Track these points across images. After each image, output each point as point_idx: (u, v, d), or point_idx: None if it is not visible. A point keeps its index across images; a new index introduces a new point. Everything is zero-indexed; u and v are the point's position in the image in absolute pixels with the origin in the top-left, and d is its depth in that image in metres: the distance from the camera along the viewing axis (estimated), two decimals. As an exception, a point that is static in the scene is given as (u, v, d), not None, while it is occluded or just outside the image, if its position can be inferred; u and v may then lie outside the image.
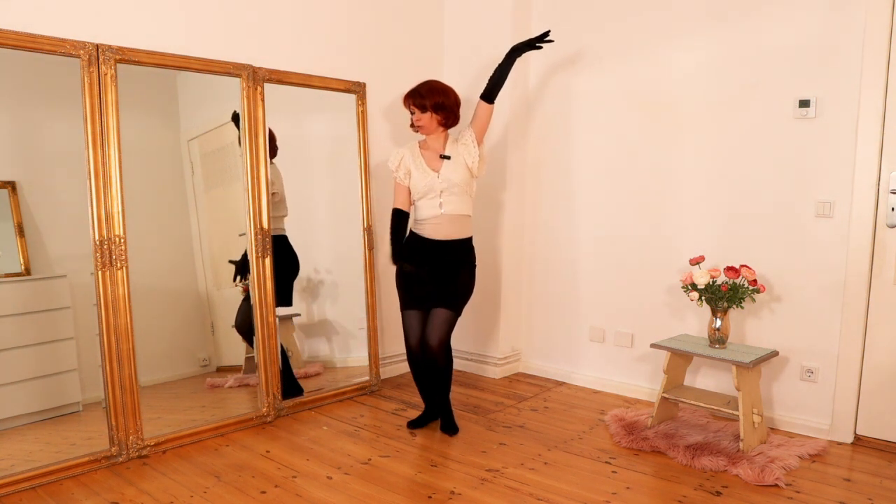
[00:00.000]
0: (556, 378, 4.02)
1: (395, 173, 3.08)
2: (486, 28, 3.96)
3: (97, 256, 2.69)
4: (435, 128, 3.03)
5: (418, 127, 3.04)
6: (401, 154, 3.08)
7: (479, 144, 3.05)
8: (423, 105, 2.98)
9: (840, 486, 2.62)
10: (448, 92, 3.03)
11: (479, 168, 3.06)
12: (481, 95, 3.04)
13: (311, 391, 3.52)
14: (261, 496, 2.50)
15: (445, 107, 3.00)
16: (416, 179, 3.02)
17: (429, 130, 3.03)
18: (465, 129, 3.08)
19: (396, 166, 3.07)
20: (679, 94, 3.45)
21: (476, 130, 3.05)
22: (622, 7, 3.63)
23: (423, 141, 3.11)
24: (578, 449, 2.97)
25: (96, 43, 2.68)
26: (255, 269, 3.20)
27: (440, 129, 3.04)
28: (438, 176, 3.00)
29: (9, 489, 2.48)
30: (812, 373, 3.13)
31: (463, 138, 3.06)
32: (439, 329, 3.03)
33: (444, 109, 2.99)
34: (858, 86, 2.93)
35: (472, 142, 3.04)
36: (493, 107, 3.05)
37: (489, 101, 3.03)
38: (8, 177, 2.77)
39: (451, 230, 3.02)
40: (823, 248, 3.07)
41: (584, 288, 3.89)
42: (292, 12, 3.42)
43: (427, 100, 2.98)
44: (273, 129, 3.29)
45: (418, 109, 3.00)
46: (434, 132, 3.04)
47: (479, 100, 3.04)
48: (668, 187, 3.53)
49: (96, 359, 2.74)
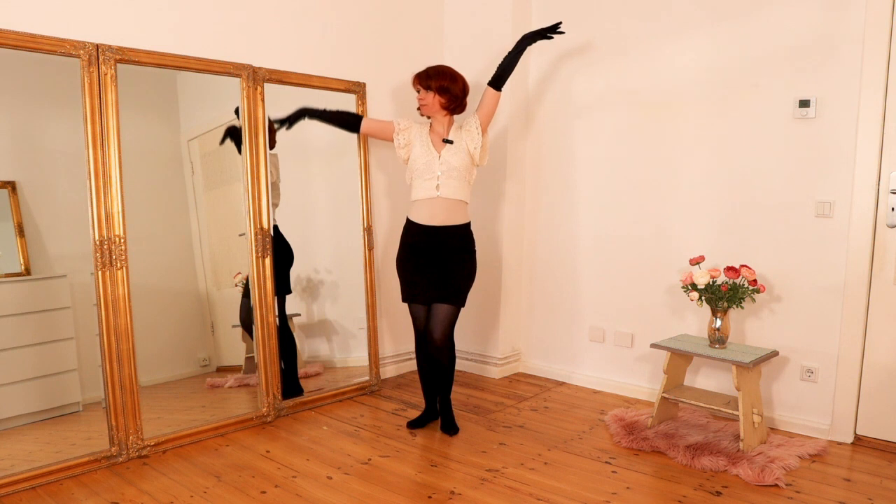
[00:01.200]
0: (556, 378, 4.02)
1: (397, 128, 3.09)
2: (487, 29, 3.96)
3: (97, 256, 2.69)
4: (438, 109, 3.04)
5: (422, 106, 3.06)
6: (410, 123, 3.11)
7: (484, 133, 3.07)
8: (428, 85, 3.01)
9: (840, 486, 2.62)
10: (457, 78, 3.05)
11: (481, 156, 3.08)
12: (489, 82, 3.07)
13: (311, 391, 3.52)
14: (261, 496, 2.50)
15: (450, 91, 3.01)
16: (417, 155, 3.03)
17: (431, 111, 3.05)
18: (471, 115, 3.11)
19: (403, 127, 3.09)
20: (679, 93, 3.45)
21: (481, 117, 3.07)
22: (622, 6, 3.63)
23: (431, 124, 3.12)
24: (578, 449, 2.97)
25: (96, 43, 2.68)
26: (255, 268, 3.20)
27: (443, 112, 3.05)
28: (439, 157, 3.00)
29: (9, 489, 2.48)
30: (812, 373, 3.13)
31: (467, 125, 3.08)
32: (442, 324, 3.03)
33: (447, 93, 3.01)
34: (858, 86, 2.93)
35: (476, 128, 3.05)
36: (500, 94, 3.08)
37: (497, 88, 3.06)
38: (8, 177, 2.77)
39: (447, 215, 3.01)
40: (823, 248, 3.07)
41: (584, 288, 3.89)
42: (292, 12, 3.42)
43: (433, 81, 3.01)
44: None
45: (423, 88, 3.03)
46: (437, 114, 3.06)
47: (487, 86, 3.07)
48: (668, 187, 3.53)
49: (96, 359, 2.74)
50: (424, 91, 3.02)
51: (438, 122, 3.07)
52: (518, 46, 3.09)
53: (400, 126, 3.10)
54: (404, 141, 3.08)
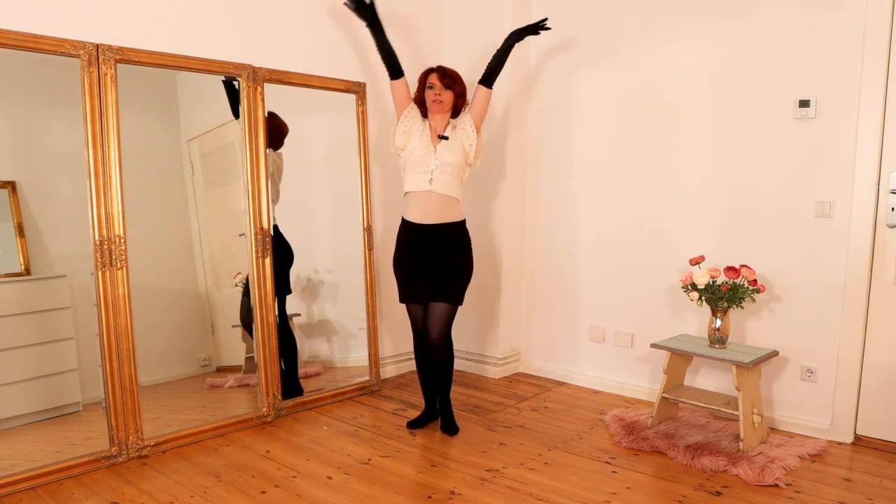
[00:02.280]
0: (556, 378, 4.02)
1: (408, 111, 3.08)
2: (487, 29, 3.95)
3: (97, 256, 2.69)
4: (447, 110, 3.07)
5: (438, 102, 3.03)
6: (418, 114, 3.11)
7: (478, 131, 3.09)
8: (451, 86, 3.05)
9: (840, 486, 2.62)
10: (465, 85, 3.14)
11: (475, 156, 3.10)
12: (480, 80, 3.10)
13: (311, 391, 3.52)
14: (261, 496, 2.50)
15: (463, 97, 3.11)
16: (414, 146, 3.04)
17: (443, 108, 3.06)
18: (464, 114, 3.12)
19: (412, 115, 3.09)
20: (679, 93, 3.45)
21: (474, 116, 3.10)
22: (622, 6, 3.63)
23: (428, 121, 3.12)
24: (578, 449, 2.97)
25: (96, 43, 2.68)
26: (255, 268, 3.20)
27: (448, 113, 3.09)
28: (435, 152, 3.02)
29: (9, 489, 2.48)
30: (812, 373, 3.13)
31: (462, 123, 3.10)
32: (439, 322, 3.03)
33: (461, 98, 3.10)
34: (858, 86, 2.93)
35: (470, 126, 3.08)
36: (491, 91, 3.12)
37: (488, 86, 3.10)
38: (8, 177, 2.77)
39: (441, 212, 3.02)
40: (823, 248, 3.07)
41: (584, 288, 3.89)
42: (292, 12, 3.42)
43: (456, 85, 3.06)
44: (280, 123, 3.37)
45: (445, 87, 3.04)
46: (444, 114, 3.08)
47: (478, 84, 3.10)
48: (668, 187, 3.53)
49: (96, 359, 2.74)
50: (445, 90, 3.03)
51: (437, 120, 3.08)
52: (506, 43, 3.13)
53: (410, 112, 3.11)
54: (406, 128, 3.07)
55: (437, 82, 3.03)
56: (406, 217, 3.08)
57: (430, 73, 3.07)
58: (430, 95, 3.04)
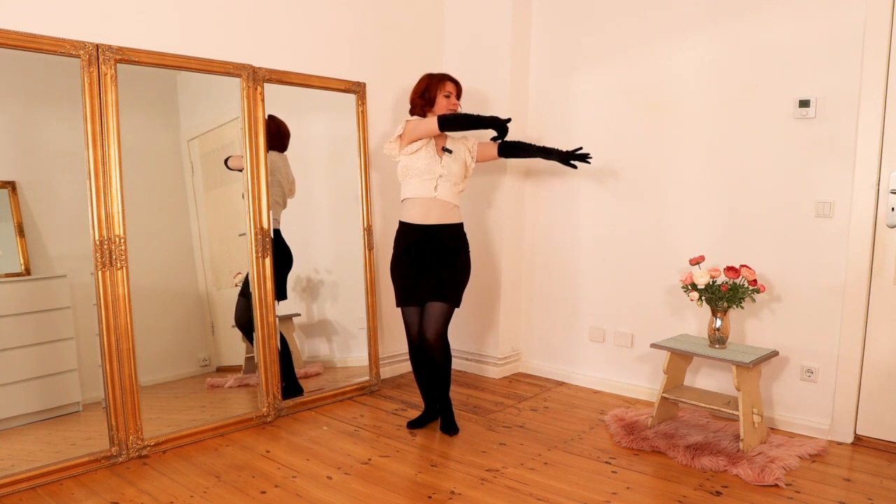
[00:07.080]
0: (556, 378, 4.02)
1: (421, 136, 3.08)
2: (487, 29, 3.96)
3: (97, 256, 2.69)
4: None
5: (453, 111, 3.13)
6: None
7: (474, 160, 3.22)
8: (460, 95, 3.19)
9: (840, 486, 2.62)
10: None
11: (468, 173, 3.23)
12: (500, 143, 3.21)
13: (311, 391, 3.52)
14: (261, 496, 2.50)
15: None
16: (422, 156, 3.06)
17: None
18: (472, 138, 3.26)
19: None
20: (679, 93, 3.45)
21: (478, 153, 3.22)
22: (622, 6, 3.63)
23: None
24: (578, 449, 2.97)
25: (96, 43, 2.68)
26: (255, 268, 3.20)
27: None
28: (441, 161, 3.07)
29: (9, 489, 2.48)
30: (812, 373, 3.13)
31: (468, 142, 3.21)
32: (435, 323, 3.03)
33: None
34: (858, 86, 2.93)
35: (473, 147, 3.21)
36: (498, 159, 3.27)
37: (501, 153, 3.23)
38: (8, 177, 2.77)
39: (442, 214, 3.06)
40: (823, 248, 3.07)
41: (584, 288, 3.89)
42: (292, 12, 3.42)
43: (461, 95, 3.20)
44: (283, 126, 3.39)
45: (458, 98, 3.17)
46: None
47: (496, 144, 3.21)
48: (668, 187, 3.53)
49: (96, 359, 2.74)
50: (458, 100, 3.17)
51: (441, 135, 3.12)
52: (539, 151, 3.24)
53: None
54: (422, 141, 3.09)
55: (454, 91, 3.14)
56: (405, 220, 3.09)
57: (446, 81, 3.13)
58: (446, 103, 3.11)
